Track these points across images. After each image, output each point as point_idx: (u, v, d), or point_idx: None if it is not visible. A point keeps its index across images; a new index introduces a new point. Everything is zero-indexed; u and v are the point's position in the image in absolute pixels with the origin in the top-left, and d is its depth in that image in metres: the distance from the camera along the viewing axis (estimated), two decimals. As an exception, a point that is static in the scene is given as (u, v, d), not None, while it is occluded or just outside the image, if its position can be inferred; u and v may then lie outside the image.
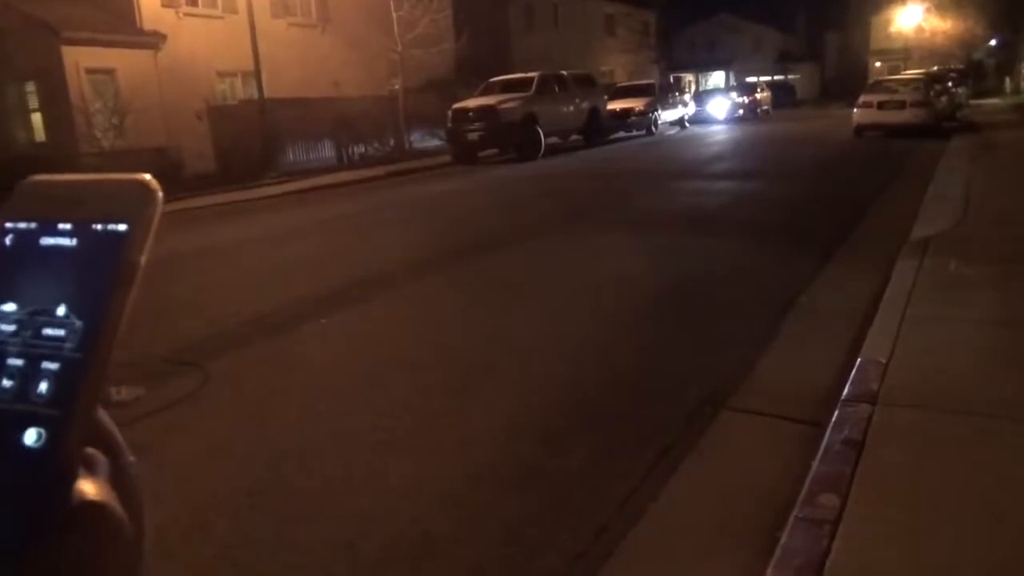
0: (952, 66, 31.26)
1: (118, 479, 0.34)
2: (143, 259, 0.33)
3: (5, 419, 0.31)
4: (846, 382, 3.06)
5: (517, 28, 30.32)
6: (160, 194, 0.34)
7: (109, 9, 17.50)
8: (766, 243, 6.79)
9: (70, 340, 0.32)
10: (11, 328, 0.33)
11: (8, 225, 0.34)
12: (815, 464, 2.39)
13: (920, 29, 38.95)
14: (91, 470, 0.32)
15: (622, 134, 23.04)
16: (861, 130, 18.04)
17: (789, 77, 49.97)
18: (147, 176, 0.35)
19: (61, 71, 16.26)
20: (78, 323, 0.32)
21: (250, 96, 18.33)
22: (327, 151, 19.23)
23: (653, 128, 23.70)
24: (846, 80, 41.81)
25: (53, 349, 0.32)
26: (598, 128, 20.84)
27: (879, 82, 21.06)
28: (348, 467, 2.91)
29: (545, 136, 18.34)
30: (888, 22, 42.67)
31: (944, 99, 19.59)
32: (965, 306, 4.03)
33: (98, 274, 0.33)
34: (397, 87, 21.29)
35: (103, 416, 0.34)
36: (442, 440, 3.14)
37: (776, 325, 4.29)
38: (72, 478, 0.31)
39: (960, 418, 2.68)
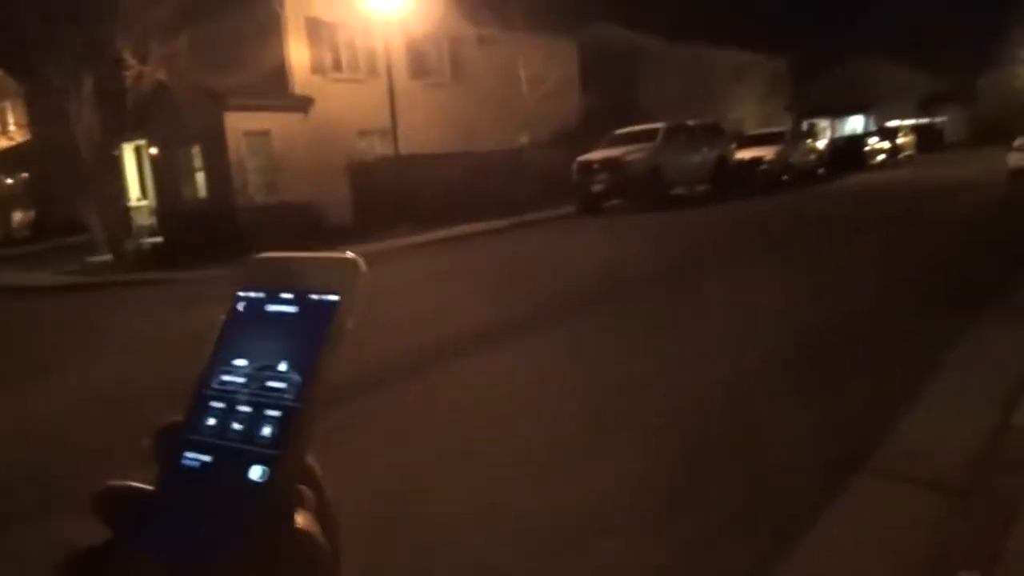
0: None
1: (320, 514, 0.38)
2: (351, 324, 0.38)
3: (235, 456, 0.36)
4: (996, 448, 2.86)
5: (644, 79, 30.52)
6: (365, 269, 0.39)
7: (265, 76, 19.15)
8: (909, 296, 6.44)
9: (289, 391, 0.37)
10: (242, 380, 0.38)
11: (241, 294, 0.41)
12: (958, 535, 2.25)
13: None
14: (301, 504, 0.36)
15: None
16: (1017, 175, 16.74)
17: (936, 119, 47.18)
18: (354, 255, 0.39)
19: (223, 134, 17.89)
20: (296, 377, 0.37)
21: (387, 153, 19.40)
22: (457, 203, 19.96)
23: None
24: (1001, 122, 39.00)
25: (275, 399, 0.37)
26: (726, 178, 20.43)
27: (1038, 123, 19.52)
28: (474, 505, 3.01)
29: (671, 186, 18.21)
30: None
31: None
32: None
33: (314, 336, 0.38)
34: (524, 141, 21.89)
35: (308, 457, 0.39)
36: (566, 490, 3.17)
37: (921, 382, 4.05)
38: (292, 508, 0.36)
39: None
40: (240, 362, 0.39)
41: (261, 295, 0.40)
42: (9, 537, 3.13)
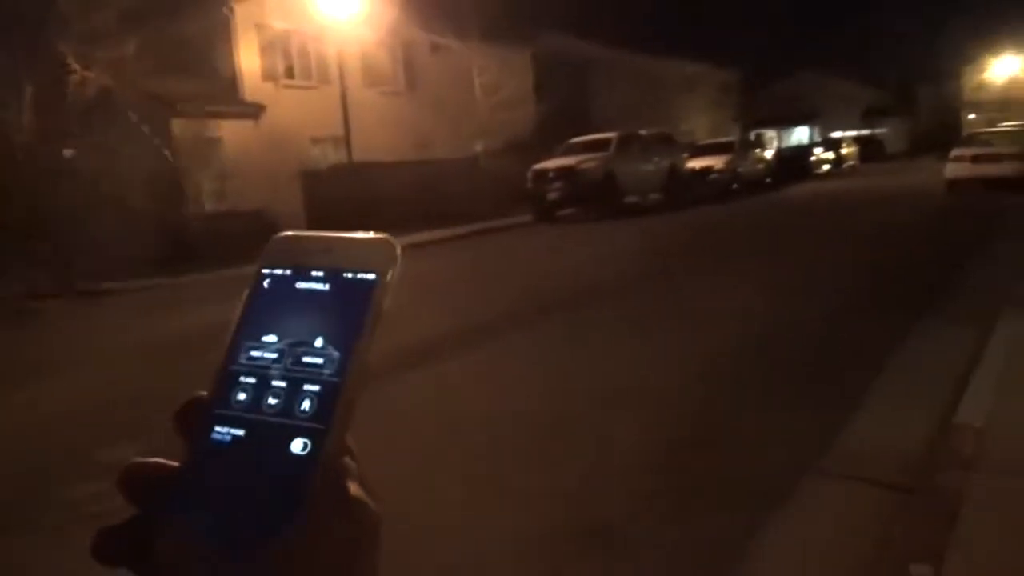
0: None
1: (361, 484, 0.38)
2: (387, 303, 0.38)
3: (272, 430, 0.36)
4: (939, 447, 2.97)
5: (596, 89, 30.85)
6: (400, 251, 0.39)
7: (216, 82, 18.83)
8: (857, 300, 6.62)
9: (328, 367, 0.37)
10: (273, 356, 0.38)
11: (265, 271, 0.41)
12: (906, 532, 2.33)
13: (1016, 80, 37.60)
14: (348, 475, 0.37)
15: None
16: (953, 185, 17.36)
17: (877, 131, 48.78)
18: (389, 236, 0.40)
19: (170, 141, 17.51)
20: (335, 353, 0.37)
21: (340, 160, 19.23)
22: (412, 211, 19.85)
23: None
24: (938, 133, 40.51)
25: (313, 374, 0.37)
26: (678, 186, 20.75)
27: (973, 134, 20.35)
28: (435, 520, 3.00)
29: (624, 195, 18.41)
30: (982, 73, 41.36)
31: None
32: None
33: (350, 313, 0.38)
34: (478, 149, 21.92)
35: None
36: (528, 495, 3.18)
37: (870, 382, 4.18)
38: (345, 478, 0.37)
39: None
40: (270, 338, 0.39)
41: (288, 272, 0.40)
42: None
